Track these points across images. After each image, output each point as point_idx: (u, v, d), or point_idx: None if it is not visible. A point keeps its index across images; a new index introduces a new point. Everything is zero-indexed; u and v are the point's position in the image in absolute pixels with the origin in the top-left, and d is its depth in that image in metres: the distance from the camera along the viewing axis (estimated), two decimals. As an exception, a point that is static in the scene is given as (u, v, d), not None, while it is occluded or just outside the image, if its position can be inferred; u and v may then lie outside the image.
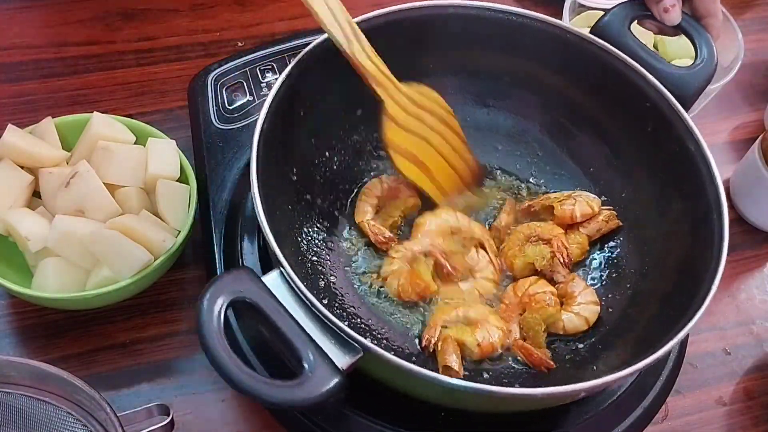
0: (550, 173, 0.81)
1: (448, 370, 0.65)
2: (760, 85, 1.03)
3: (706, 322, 0.81)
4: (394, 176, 0.78)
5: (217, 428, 0.70)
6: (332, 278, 0.72)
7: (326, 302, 0.69)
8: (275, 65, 0.86)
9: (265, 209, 0.60)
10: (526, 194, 0.80)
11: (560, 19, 0.88)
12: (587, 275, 0.75)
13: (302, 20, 0.98)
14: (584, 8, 0.97)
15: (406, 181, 0.76)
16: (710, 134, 0.96)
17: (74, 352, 0.73)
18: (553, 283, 0.73)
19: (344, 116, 0.78)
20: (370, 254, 0.75)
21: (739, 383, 0.78)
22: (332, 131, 0.78)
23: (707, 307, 0.60)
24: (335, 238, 0.75)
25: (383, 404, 0.64)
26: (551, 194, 0.79)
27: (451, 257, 0.72)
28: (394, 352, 0.55)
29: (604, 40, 0.74)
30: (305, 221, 0.73)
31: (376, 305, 0.72)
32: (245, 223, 0.74)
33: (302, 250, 0.72)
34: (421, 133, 0.73)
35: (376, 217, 0.76)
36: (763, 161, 0.84)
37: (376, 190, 0.77)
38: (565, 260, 0.72)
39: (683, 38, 0.76)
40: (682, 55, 0.91)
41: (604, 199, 0.78)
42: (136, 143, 0.76)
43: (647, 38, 0.88)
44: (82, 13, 0.98)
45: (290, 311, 0.56)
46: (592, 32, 0.75)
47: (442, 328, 0.68)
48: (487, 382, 0.67)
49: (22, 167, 0.72)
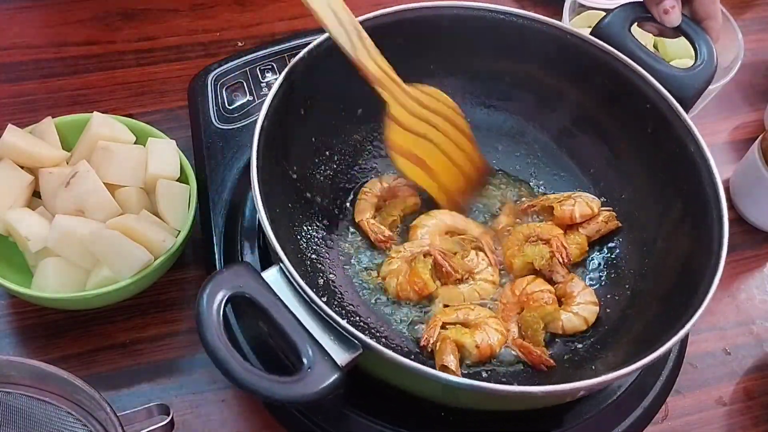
0: (550, 174, 0.82)
1: (445, 370, 0.65)
2: (760, 85, 1.03)
3: (706, 322, 0.81)
4: (394, 175, 0.78)
5: (217, 428, 0.70)
6: (331, 276, 0.72)
7: (325, 300, 0.69)
8: (275, 65, 0.86)
9: (265, 206, 0.61)
10: (526, 195, 0.80)
11: (560, 19, 0.88)
12: (586, 276, 0.75)
13: (302, 20, 0.98)
14: (584, 8, 0.97)
15: (406, 180, 0.76)
16: (710, 134, 0.97)
17: (74, 352, 0.73)
18: (552, 283, 0.73)
19: (344, 115, 0.78)
20: (369, 253, 0.75)
21: (739, 383, 0.78)
22: (332, 130, 0.78)
23: (708, 307, 0.60)
24: (335, 236, 0.75)
25: (383, 404, 0.65)
26: (551, 195, 0.79)
27: (449, 257, 0.72)
28: (393, 350, 0.55)
29: (604, 41, 0.74)
30: (305, 219, 0.74)
31: (375, 304, 0.72)
32: (245, 223, 0.74)
33: (302, 247, 0.72)
34: (425, 134, 0.73)
35: (376, 215, 0.76)
36: (763, 161, 0.84)
37: (375, 189, 0.77)
38: (563, 260, 0.72)
39: (682, 39, 0.76)
40: (681, 54, 0.91)
41: (603, 200, 0.78)
42: (136, 143, 0.77)
43: (647, 38, 0.88)
44: (82, 13, 0.98)
45: (290, 307, 0.56)
46: (592, 34, 0.76)
47: (441, 328, 0.68)
48: (485, 381, 0.67)
49: (22, 167, 0.72)
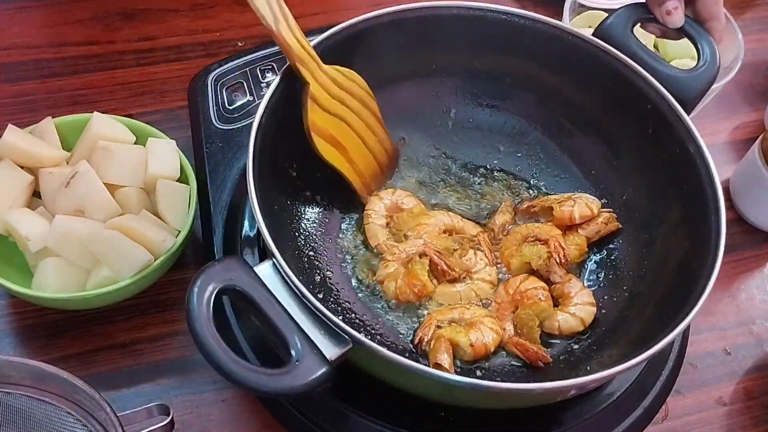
0: (550, 175, 0.81)
1: (438, 368, 0.65)
2: (760, 85, 1.03)
3: (706, 322, 0.81)
4: (389, 189, 0.78)
5: (217, 428, 0.70)
6: (328, 273, 0.72)
7: (321, 297, 0.69)
8: (275, 65, 0.86)
9: (259, 200, 0.61)
10: (526, 195, 0.80)
11: (560, 18, 0.88)
12: (585, 276, 0.75)
13: (302, 20, 0.98)
14: (584, 8, 0.97)
15: (401, 188, 0.77)
16: (710, 134, 0.96)
17: (74, 352, 0.73)
18: (549, 283, 0.73)
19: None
20: (367, 251, 0.75)
21: (739, 383, 0.78)
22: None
23: (708, 307, 0.60)
24: (333, 234, 0.75)
25: (383, 404, 0.65)
26: (551, 195, 0.79)
27: (445, 255, 0.72)
28: (386, 347, 0.55)
29: (606, 42, 0.74)
30: (303, 216, 0.74)
31: (371, 302, 0.72)
32: (245, 222, 0.74)
33: (299, 244, 0.72)
34: (343, 116, 0.73)
35: (388, 230, 0.75)
36: (763, 161, 0.84)
37: (379, 208, 0.76)
38: (561, 260, 0.72)
39: (683, 39, 0.76)
40: (682, 54, 0.91)
41: (604, 201, 0.78)
42: (136, 143, 0.77)
43: (647, 39, 0.88)
44: (82, 13, 0.98)
45: (281, 301, 0.56)
46: (595, 34, 0.75)
47: (436, 327, 0.68)
48: (480, 379, 0.67)
49: (22, 167, 0.72)
